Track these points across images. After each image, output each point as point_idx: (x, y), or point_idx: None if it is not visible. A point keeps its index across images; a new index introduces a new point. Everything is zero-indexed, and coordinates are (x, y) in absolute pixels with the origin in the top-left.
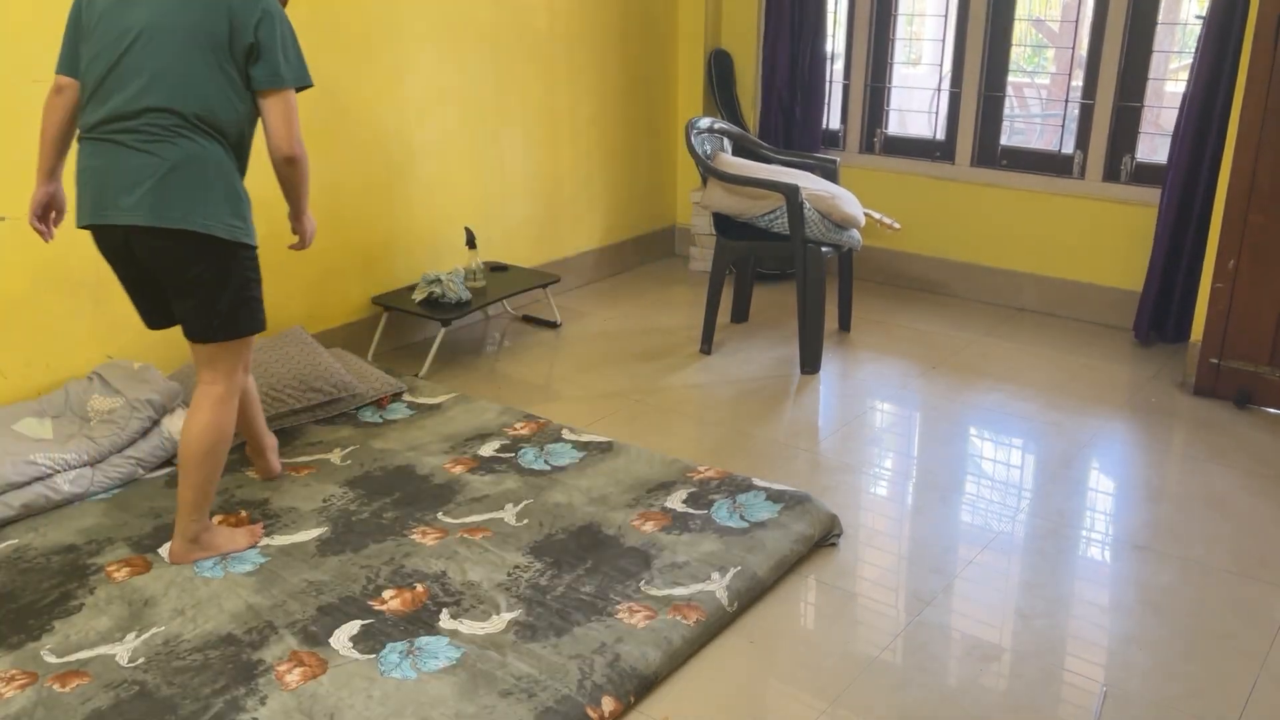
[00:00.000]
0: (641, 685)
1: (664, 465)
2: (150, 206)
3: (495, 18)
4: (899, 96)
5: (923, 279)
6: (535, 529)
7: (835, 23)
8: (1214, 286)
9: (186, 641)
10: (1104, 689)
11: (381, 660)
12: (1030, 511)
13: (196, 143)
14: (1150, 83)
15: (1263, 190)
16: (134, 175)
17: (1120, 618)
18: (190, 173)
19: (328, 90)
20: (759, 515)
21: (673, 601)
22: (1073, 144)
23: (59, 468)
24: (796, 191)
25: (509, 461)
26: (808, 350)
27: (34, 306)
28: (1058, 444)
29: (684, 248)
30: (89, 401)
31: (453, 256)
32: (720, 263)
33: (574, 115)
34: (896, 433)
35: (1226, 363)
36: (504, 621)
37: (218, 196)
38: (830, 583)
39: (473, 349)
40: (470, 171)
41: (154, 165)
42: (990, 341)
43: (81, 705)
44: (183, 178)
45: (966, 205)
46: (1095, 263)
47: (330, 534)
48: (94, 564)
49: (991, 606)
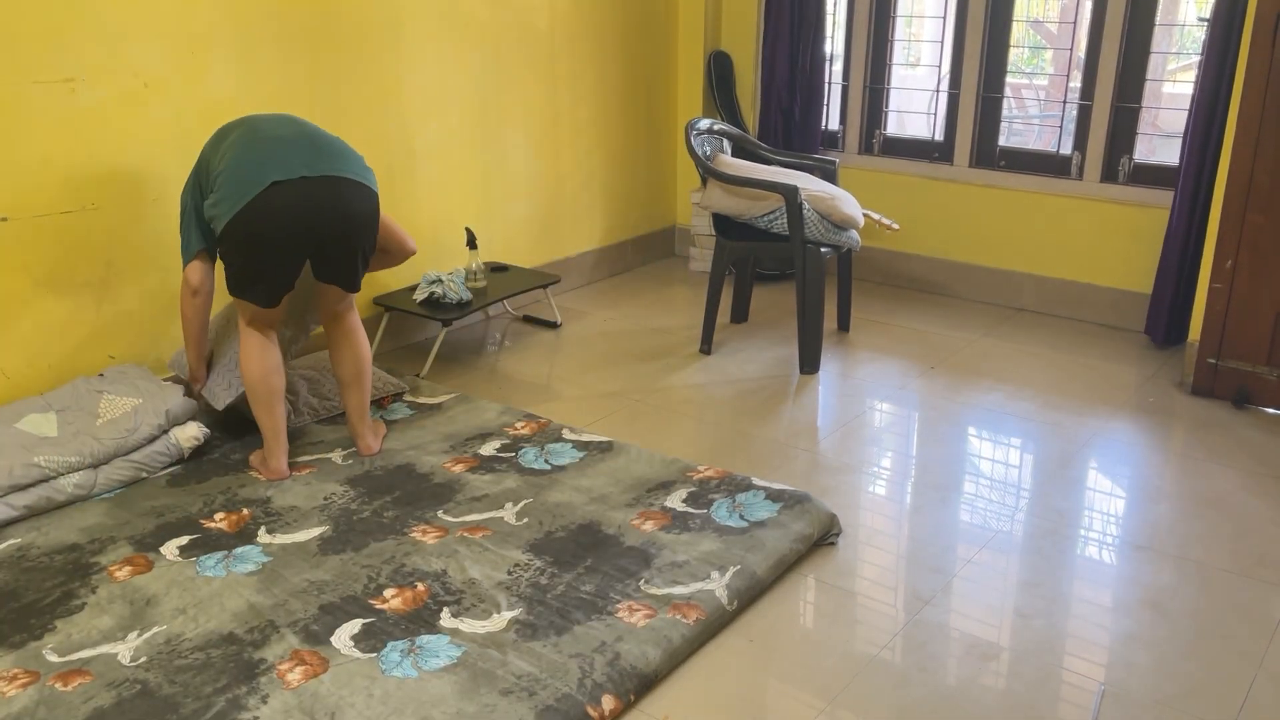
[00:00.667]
0: (641, 684)
1: (664, 465)
2: (356, 170)
3: (495, 18)
4: (898, 98)
5: (922, 279)
6: (535, 528)
7: (834, 24)
8: (1212, 286)
9: (188, 640)
10: (1102, 687)
11: (383, 659)
12: (1029, 511)
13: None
14: (1148, 84)
15: (1261, 190)
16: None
17: (1119, 617)
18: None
19: (329, 91)
20: (758, 515)
21: (672, 600)
22: (1071, 145)
23: (62, 470)
24: (796, 192)
25: (509, 461)
26: (807, 350)
27: (36, 307)
28: (1056, 443)
29: (684, 248)
30: (100, 400)
31: (453, 257)
32: (720, 263)
33: (574, 116)
34: (896, 432)
35: (1225, 363)
36: (504, 620)
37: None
38: (830, 582)
39: (473, 349)
40: (471, 172)
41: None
42: (989, 342)
43: (83, 704)
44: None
45: (965, 206)
46: (1094, 263)
47: (331, 533)
48: (96, 563)
49: (990, 606)
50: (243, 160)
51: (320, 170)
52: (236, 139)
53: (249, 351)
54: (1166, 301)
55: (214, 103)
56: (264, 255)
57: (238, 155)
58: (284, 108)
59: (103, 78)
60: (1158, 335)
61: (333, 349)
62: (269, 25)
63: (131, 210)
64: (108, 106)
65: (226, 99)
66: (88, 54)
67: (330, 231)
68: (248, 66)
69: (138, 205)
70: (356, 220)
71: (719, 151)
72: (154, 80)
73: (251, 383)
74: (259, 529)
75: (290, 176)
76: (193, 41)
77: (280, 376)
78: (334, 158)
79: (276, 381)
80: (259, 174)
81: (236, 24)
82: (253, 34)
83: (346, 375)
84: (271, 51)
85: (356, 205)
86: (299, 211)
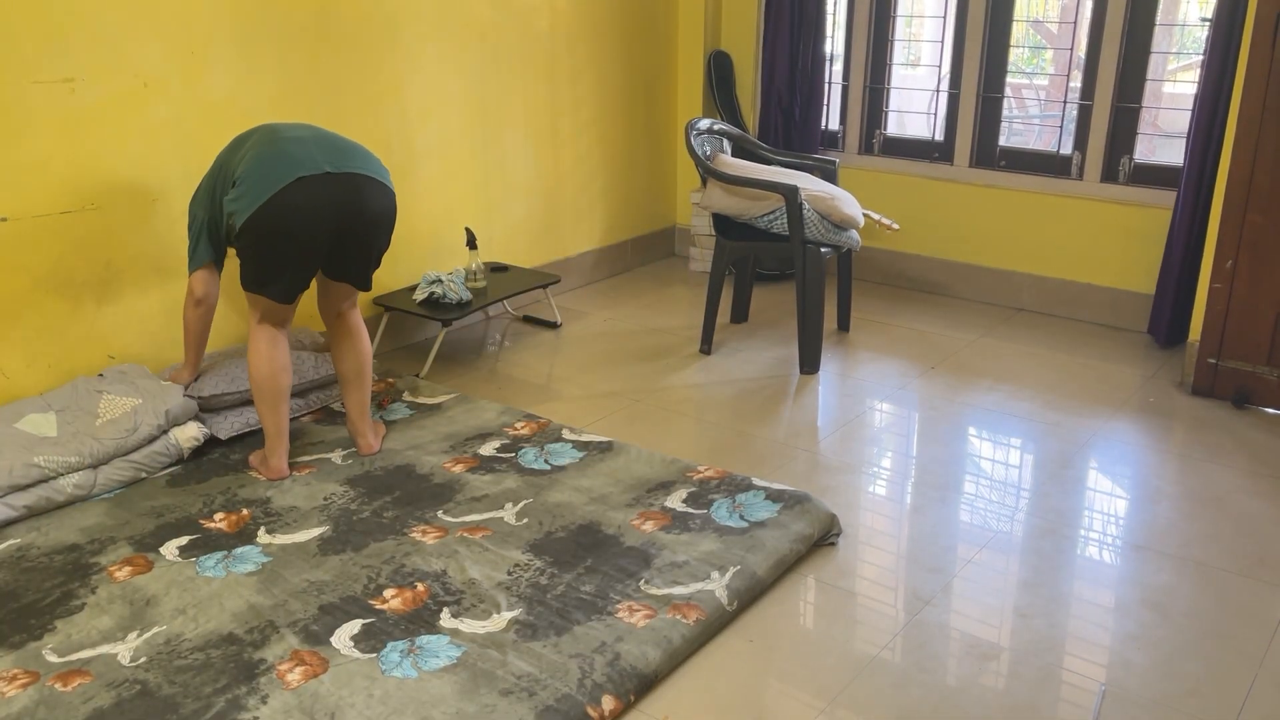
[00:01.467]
0: (641, 684)
1: (664, 465)
2: (376, 170)
3: (496, 19)
4: (898, 98)
5: (921, 279)
6: (535, 528)
7: (834, 24)
8: (1212, 286)
9: (188, 641)
10: (1103, 687)
11: (382, 659)
12: (1029, 511)
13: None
14: (1148, 84)
15: (1261, 190)
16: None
17: (1119, 617)
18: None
19: (329, 91)
20: (758, 515)
21: (672, 601)
22: (1071, 145)
23: (62, 470)
24: (796, 192)
25: (509, 461)
26: (807, 350)
27: (35, 307)
28: (1056, 443)
29: (684, 248)
30: (99, 400)
31: (453, 257)
32: (720, 263)
33: (574, 116)
34: (895, 432)
35: (1225, 363)
36: (504, 620)
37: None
38: (830, 582)
39: (473, 349)
40: (471, 172)
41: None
42: (989, 342)
43: (83, 704)
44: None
45: (965, 206)
46: (1094, 263)
47: (331, 533)
48: (96, 563)
49: (990, 606)
50: (265, 157)
51: (343, 167)
52: (257, 141)
53: (258, 349)
54: (1169, 301)
55: (214, 103)
56: (286, 249)
57: (260, 154)
58: (284, 108)
59: (103, 78)
60: (1160, 335)
61: (335, 346)
62: (269, 25)
63: (131, 210)
64: (108, 106)
65: (226, 99)
66: (88, 54)
67: (352, 227)
68: (248, 66)
69: (138, 205)
70: (378, 217)
71: (719, 151)
72: (154, 80)
73: (259, 381)
74: (259, 529)
75: (315, 172)
76: (193, 41)
77: (288, 376)
78: (355, 156)
79: (284, 380)
80: (284, 169)
81: (236, 24)
82: (253, 34)
83: (348, 373)
84: (271, 52)
85: (379, 201)
86: (323, 205)
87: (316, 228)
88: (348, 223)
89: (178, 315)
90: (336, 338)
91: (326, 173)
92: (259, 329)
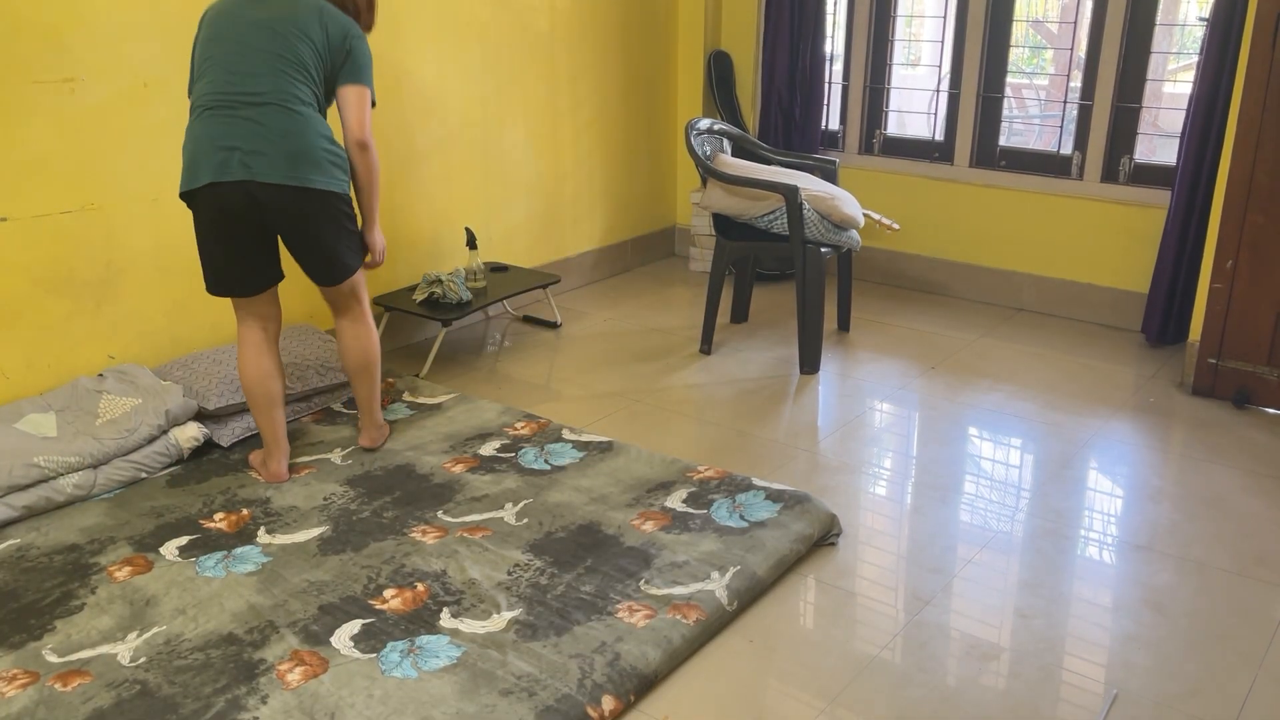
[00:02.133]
0: (641, 684)
1: (664, 465)
2: (277, 164)
3: (496, 18)
4: (898, 98)
5: (922, 279)
6: (535, 528)
7: (834, 24)
8: (1212, 286)
9: (188, 641)
10: (1114, 691)
11: (382, 659)
12: (1029, 511)
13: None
14: (1149, 84)
15: (1261, 190)
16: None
17: (1119, 617)
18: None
19: None
20: (758, 515)
21: (672, 601)
22: (1071, 145)
23: (61, 470)
24: (796, 192)
25: (509, 461)
26: (807, 350)
27: (35, 307)
28: (1057, 444)
29: (684, 248)
30: (99, 400)
31: (453, 257)
32: (720, 263)
33: (574, 116)
34: (896, 433)
35: (1225, 363)
36: (504, 620)
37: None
38: (830, 582)
39: (473, 349)
40: (471, 172)
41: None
42: (989, 342)
43: (83, 704)
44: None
45: (965, 206)
46: (1094, 263)
47: (331, 533)
48: (96, 563)
49: (990, 606)
50: (189, 135)
51: (227, 175)
52: (199, 58)
53: (242, 353)
54: (1162, 301)
55: None
56: (203, 243)
57: (189, 125)
58: None
59: (103, 78)
60: (1152, 334)
61: (337, 340)
62: None
63: (131, 210)
64: (108, 106)
65: None
66: (88, 54)
67: (263, 227)
68: None
69: (138, 205)
70: (278, 217)
71: (719, 151)
72: (154, 80)
73: (247, 387)
74: (258, 529)
75: (198, 185)
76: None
77: (277, 381)
78: (262, 148)
79: (272, 386)
80: (189, 169)
81: None
82: None
83: (351, 366)
84: None
85: (278, 202)
86: (216, 215)
87: (221, 229)
88: (253, 228)
89: (178, 315)
90: (338, 331)
91: (211, 184)
92: (241, 328)
